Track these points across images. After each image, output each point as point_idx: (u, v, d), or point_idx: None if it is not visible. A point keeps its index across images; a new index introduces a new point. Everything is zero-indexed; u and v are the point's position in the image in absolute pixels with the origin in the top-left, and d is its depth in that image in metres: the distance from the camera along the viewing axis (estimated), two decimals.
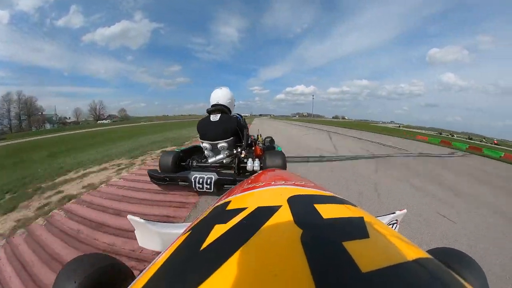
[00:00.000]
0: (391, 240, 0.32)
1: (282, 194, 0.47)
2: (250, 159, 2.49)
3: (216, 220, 0.41)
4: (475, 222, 2.47)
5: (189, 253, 0.34)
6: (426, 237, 2.05)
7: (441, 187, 3.76)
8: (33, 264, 1.58)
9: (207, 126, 2.51)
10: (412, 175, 4.39)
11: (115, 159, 4.98)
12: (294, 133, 13.62)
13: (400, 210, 1.07)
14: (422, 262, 0.28)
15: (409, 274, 0.26)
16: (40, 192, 3.01)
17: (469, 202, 3.14)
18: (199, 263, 0.30)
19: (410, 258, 0.28)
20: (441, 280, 0.27)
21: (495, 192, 3.79)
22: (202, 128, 2.56)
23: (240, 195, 0.57)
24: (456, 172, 5.28)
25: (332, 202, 0.46)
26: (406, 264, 0.27)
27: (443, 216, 2.53)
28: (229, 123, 2.49)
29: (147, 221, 0.96)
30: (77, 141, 11.84)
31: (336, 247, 0.28)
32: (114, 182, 3.30)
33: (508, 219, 2.64)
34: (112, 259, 0.61)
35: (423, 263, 0.28)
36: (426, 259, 0.29)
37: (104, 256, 0.61)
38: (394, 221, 1.03)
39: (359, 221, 0.36)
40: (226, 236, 0.34)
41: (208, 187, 2.08)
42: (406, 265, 0.27)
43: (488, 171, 6.01)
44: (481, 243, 2.04)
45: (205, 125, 2.53)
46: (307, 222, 0.35)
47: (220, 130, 2.47)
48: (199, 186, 2.12)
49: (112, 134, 15.63)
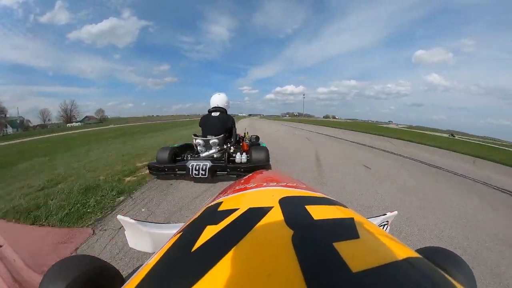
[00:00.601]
0: (381, 240, 0.33)
1: (273, 195, 0.47)
2: (238, 153, 2.93)
3: (207, 221, 0.41)
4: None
5: (180, 255, 0.33)
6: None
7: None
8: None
9: (209, 120, 3.07)
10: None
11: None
12: (287, 142, 7.93)
13: (391, 211, 1.09)
14: (412, 261, 0.29)
15: (399, 273, 0.26)
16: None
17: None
18: (191, 264, 0.29)
19: (400, 257, 0.29)
20: (430, 278, 0.27)
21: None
22: (204, 122, 3.10)
23: (232, 195, 0.57)
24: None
25: (323, 203, 0.47)
26: (396, 263, 0.27)
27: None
28: (226, 120, 3.08)
29: (138, 221, 0.94)
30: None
31: (327, 248, 0.28)
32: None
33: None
34: (100, 261, 0.60)
35: (413, 262, 0.29)
36: (416, 258, 0.30)
37: (92, 258, 0.60)
38: (385, 222, 1.04)
39: (350, 222, 0.37)
40: (218, 237, 0.34)
41: (204, 173, 2.52)
42: (396, 264, 0.27)
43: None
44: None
45: (207, 119, 3.10)
46: (298, 223, 0.35)
47: (219, 124, 3.01)
48: (195, 173, 2.54)
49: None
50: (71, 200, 2.31)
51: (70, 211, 2.11)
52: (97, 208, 2.20)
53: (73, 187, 2.69)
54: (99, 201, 2.33)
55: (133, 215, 2.14)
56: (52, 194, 2.51)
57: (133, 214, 2.16)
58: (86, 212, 2.12)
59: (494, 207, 2.89)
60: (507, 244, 2.02)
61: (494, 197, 3.31)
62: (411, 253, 0.31)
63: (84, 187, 2.65)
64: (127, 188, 2.74)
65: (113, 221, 1.99)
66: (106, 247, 1.67)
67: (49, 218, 1.99)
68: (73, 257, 0.58)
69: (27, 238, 1.74)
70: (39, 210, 2.12)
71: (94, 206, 2.22)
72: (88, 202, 2.29)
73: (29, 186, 2.94)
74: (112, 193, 2.54)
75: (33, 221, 1.96)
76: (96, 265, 0.57)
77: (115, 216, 2.06)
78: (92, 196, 2.41)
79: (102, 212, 2.15)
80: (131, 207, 2.31)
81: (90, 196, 2.43)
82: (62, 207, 2.16)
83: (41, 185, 2.92)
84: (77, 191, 2.53)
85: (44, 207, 2.18)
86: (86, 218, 2.03)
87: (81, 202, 2.29)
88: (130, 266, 1.49)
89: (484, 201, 3.09)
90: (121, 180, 3.04)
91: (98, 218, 2.05)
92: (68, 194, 2.48)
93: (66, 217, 2.00)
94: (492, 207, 2.88)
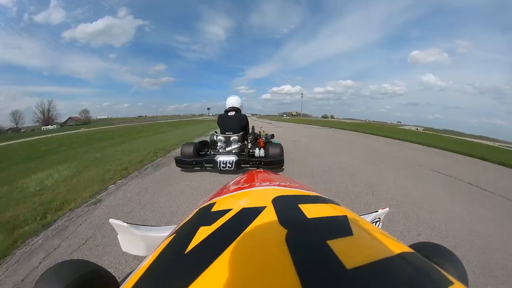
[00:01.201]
0: (375, 237, 0.33)
1: (267, 195, 0.48)
2: (257, 148, 3.47)
3: (201, 222, 0.41)
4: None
5: (173, 257, 0.33)
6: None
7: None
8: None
9: (226, 119, 3.56)
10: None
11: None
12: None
13: (383, 208, 1.11)
14: (405, 256, 0.29)
15: (393, 268, 0.27)
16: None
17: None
18: (184, 266, 0.29)
19: (393, 253, 0.29)
20: (424, 272, 0.28)
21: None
22: (222, 121, 3.58)
23: (225, 196, 0.56)
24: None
25: (316, 201, 0.47)
26: (390, 259, 0.28)
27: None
28: (241, 118, 3.58)
29: (131, 224, 0.92)
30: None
31: (321, 246, 0.28)
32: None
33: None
34: (94, 265, 0.59)
35: (406, 257, 0.29)
36: (409, 253, 0.31)
37: (86, 263, 0.58)
38: (377, 219, 1.06)
39: (343, 220, 0.37)
40: (211, 238, 0.34)
41: (230, 166, 3.01)
42: (390, 260, 0.28)
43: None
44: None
45: (224, 118, 3.59)
46: (292, 222, 0.35)
47: (235, 123, 3.51)
48: (223, 166, 3.03)
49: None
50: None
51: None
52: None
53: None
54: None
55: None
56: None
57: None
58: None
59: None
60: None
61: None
62: (404, 249, 0.31)
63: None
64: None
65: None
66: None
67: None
68: (68, 262, 0.57)
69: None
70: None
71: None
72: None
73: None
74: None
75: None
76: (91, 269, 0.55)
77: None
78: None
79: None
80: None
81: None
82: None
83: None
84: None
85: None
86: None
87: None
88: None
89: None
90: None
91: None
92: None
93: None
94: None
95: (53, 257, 1.47)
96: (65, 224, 1.90)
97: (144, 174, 3.40)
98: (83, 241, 1.64)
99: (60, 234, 1.75)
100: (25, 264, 1.42)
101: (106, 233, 1.71)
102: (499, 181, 3.84)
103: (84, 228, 1.82)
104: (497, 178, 4.01)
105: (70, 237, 1.70)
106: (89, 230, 1.78)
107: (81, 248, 1.56)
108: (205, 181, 2.97)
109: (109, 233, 1.69)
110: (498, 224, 2.11)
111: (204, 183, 2.87)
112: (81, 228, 1.84)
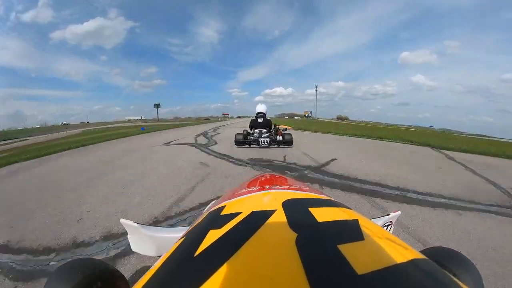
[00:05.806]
0: (386, 242, 0.33)
1: (276, 198, 0.47)
2: (278, 136, 5.92)
3: (211, 225, 0.41)
4: None
5: (183, 260, 0.33)
6: None
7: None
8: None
9: (257, 123, 6.32)
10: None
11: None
12: None
13: (394, 211, 1.08)
14: (417, 263, 0.29)
15: (404, 275, 0.26)
16: None
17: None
18: (194, 269, 0.29)
19: (405, 259, 0.28)
20: (436, 280, 0.27)
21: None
22: (255, 123, 6.36)
23: (234, 199, 0.56)
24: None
25: (327, 205, 0.46)
26: (402, 265, 0.27)
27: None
28: (267, 121, 6.36)
29: (141, 225, 0.93)
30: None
31: (331, 250, 0.28)
32: None
33: None
34: (104, 264, 0.60)
35: (418, 264, 0.29)
36: (421, 259, 0.30)
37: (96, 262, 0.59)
38: (388, 223, 1.04)
39: (354, 224, 0.37)
40: (221, 241, 0.34)
41: (266, 144, 5.62)
42: (401, 266, 0.27)
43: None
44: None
45: (256, 122, 6.35)
46: (302, 226, 0.35)
47: (264, 123, 6.31)
48: (263, 143, 5.62)
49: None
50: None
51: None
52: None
53: None
54: None
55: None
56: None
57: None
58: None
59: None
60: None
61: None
62: (416, 255, 0.30)
63: None
64: None
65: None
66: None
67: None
68: (77, 261, 0.58)
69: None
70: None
71: None
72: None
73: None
74: None
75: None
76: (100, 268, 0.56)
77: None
78: None
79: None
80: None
81: None
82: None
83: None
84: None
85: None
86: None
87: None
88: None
89: None
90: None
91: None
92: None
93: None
94: None
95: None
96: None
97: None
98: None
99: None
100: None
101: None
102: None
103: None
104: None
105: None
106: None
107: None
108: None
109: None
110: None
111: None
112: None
